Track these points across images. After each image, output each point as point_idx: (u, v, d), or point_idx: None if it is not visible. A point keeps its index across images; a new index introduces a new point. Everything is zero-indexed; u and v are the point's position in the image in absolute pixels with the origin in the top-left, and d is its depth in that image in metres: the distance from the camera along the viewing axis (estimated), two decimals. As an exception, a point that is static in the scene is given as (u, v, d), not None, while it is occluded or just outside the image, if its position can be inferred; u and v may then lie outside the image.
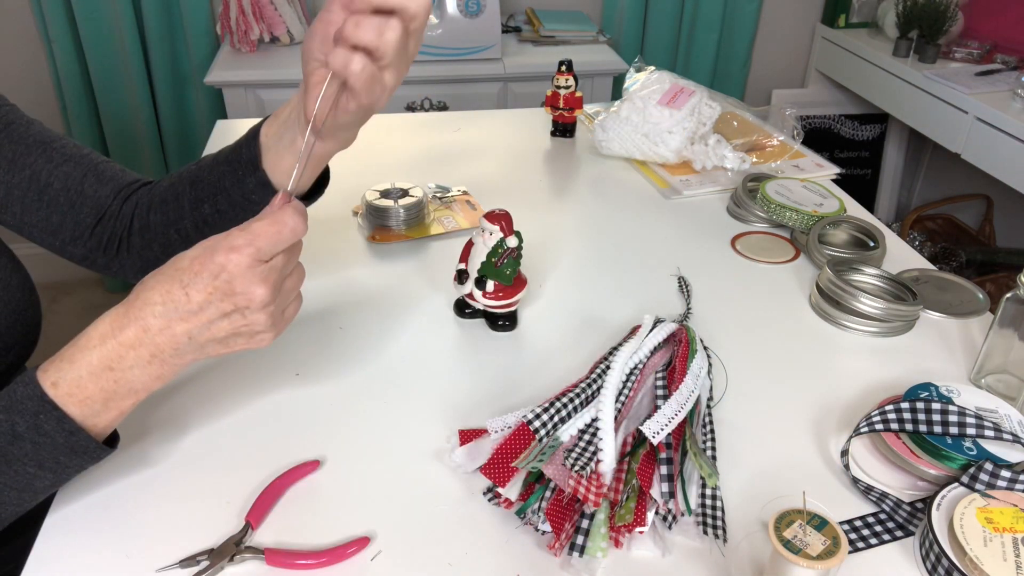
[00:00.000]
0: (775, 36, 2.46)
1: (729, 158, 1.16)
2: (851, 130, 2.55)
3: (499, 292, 0.80)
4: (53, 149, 0.75)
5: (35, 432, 0.54)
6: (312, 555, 0.56)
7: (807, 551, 0.48)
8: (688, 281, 0.92)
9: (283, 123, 0.67)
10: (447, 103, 1.96)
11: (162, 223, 0.75)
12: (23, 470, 0.55)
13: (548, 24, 2.13)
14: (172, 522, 0.60)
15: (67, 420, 0.54)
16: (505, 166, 1.20)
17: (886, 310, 0.83)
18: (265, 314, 0.55)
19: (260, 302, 0.54)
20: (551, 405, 0.65)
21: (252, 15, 1.94)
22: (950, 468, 0.62)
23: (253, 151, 0.69)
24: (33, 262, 0.77)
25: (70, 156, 0.76)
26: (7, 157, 0.73)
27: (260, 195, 0.70)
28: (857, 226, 1.01)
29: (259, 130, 0.69)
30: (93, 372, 0.54)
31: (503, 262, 0.78)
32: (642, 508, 0.58)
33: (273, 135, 0.68)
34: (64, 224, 0.76)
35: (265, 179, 0.69)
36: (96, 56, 2.05)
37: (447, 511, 0.61)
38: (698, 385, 0.67)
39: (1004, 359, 0.75)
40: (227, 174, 0.71)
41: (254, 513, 0.59)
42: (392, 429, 0.69)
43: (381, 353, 0.79)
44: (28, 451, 0.54)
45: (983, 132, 1.79)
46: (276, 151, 0.68)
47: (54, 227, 0.76)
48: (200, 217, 0.73)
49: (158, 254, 0.77)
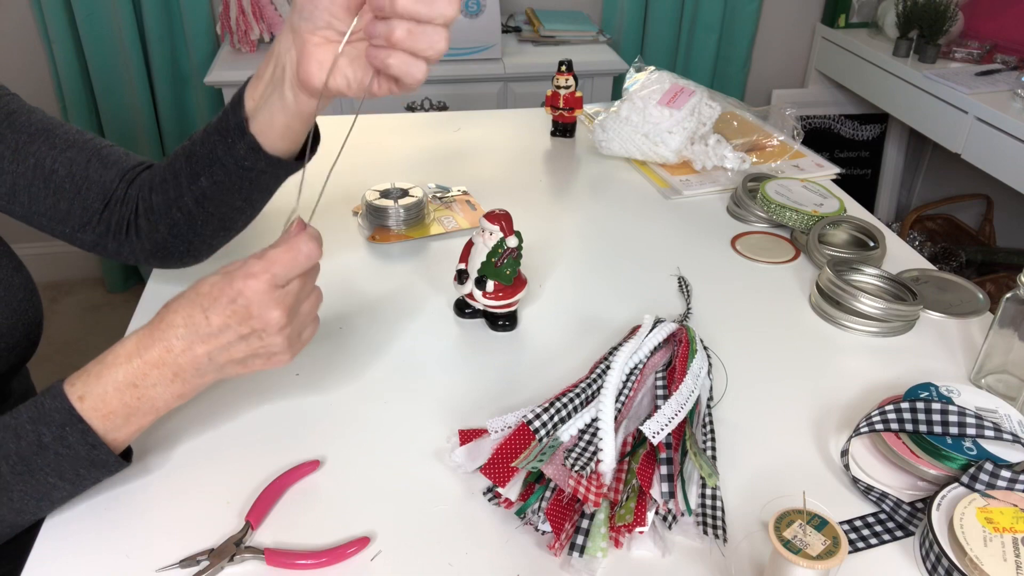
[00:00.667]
0: (775, 36, 2.46)
1: (729, 158, 1.16)
2: (851, 130, 2.55)
3: (499, 292, 0.80)
4: (56, 136, 0.75)
5: (59, 443, 0.56)
6: (312, 555, 0.56)
7: (807, 551, 0.48)
8: (688, 281, 0.92)
9: (268, 83, 0.66)
10: (447, 103, 1.96)
11: (164, 203, 0.75)
12: (44, 480, 0.56)
13: (548, 24, 2.13)
14: (172, 522, 0.60)
15: (91, 434, 0.56)
16: (505, 166, 1.20)
17: (886, 310, 0.83)
18: (281, 336, 0.58)
19: (276, 325, 0.57)
20: (551, 405, 0.65)
21: (252, 15, 1.94)
22: (950, 468, 0.62)
23: (239, 116, 0.68)
24: (33, 262, 0.77)
25: (73, 142, 0.76)
26: (11, 146, 0.73)
27: (252, 160, 0.69)
28: (857, 226, 1.01)
29: (243, 94, 0.69)
30: (118, 388, 0.57)
31: (503, 262, 0.78)
32: (642, 508, 0.58)
33: (260, 97, 0.67)
34: (72, 211, 0.76)
35: (255, 143, 0.68)
36: (96, 56, 2.05)
37: (447, 511, 0.61)
38: (698, 385, 0.67)
39: (1004, 359, 0.75)
40: (218, 143, 0.70)
41: (254, 513, 0.59)
42: (392, 429, 0.69)
43: (381, 353, 0.79)
44: (51, 461, 0.56)
45: (983, 132, 1.79)
46: (266, 112, 0.67)
47: (62, 214, 0.76)
48: (199, 191, 0.72)
49: (165, 235, 0.77)
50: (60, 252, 2.42)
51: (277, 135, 0.68)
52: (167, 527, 0.59)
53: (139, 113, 2.15)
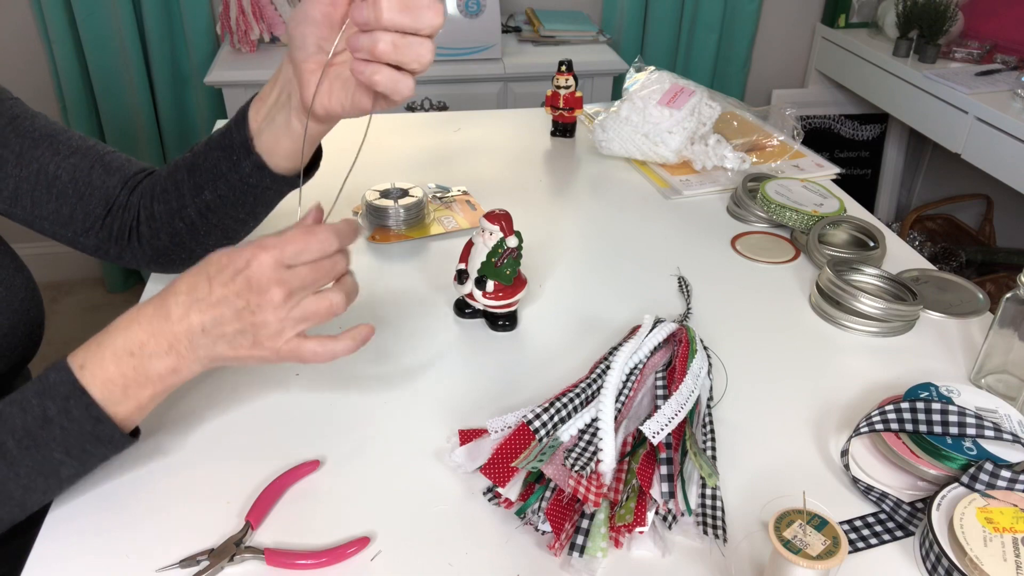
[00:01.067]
0: (775, 36, 2.46)
1: (729, 158, 1.16)
2: (851, 130, 2.55)
3: (499, 292, 0.80)
4: (59, 142, 0.75)
5: (64, 417, 0.55)
6: (312, 555, 0.56)
7: (807, 551, 0.48)
8: (688, 281, 0.92)
9: (272, 106, 0.67)
10: (447, 103, 1.96)
11: (166, 212, 0.76)
12: (51, 456, 0.56)
13: (548, 24, 2.13)
14: (172, 522, 0.60)
15: (94, 406, 0.55)
16: (505, 166, 1.20)
17: (886, 310, 0.83)
18: (275, 317, 0.56)
19: (271, 302, 0.55)
20: (551, 405, 0.65)
21: (252, 15, 1.94)
22: (950, 468, 0.62)
23: (244, 134, 0.69)
24: (33, 262, 0.77)
25: (76, 148, 0.76)
26: (14, 151, 0.73)
27: (257, 178, 0.71)
28: (857, 226, 1.01)
29: (247, 112, 0.70)
30: (116, 355, 0.56)
31: (503, 262, 0.78)
32: (642, 508, 0.58)
33: (264, 119, 0.69)
34: (75, 216, 0.76)
35: (260, 162, 0.70)
36: (96, 56, 2.05)
37: (447, 511, 0.61)
38: (698, 385, 0.67)
39: (1004, 359, 0.75)
40: (222, 159, 0.71)
41: (254, 513, 0.59)
42: (392, 429, 0.69)
43: (381, 353, 0.79)
44: (56, 436, 0.55)
45: (983, 132, 1.79)
46: (271, 134, 0.68)
47: (64, 219, 0.76)
48: (202, 203, 0.74)
49: (167, 243, 0.78)
50: (60, 252, 2.42)
51: (282, 156, 0.70)
52: (167, 527, 0.59)
53: (139, 113, 2.15)
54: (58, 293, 2.40)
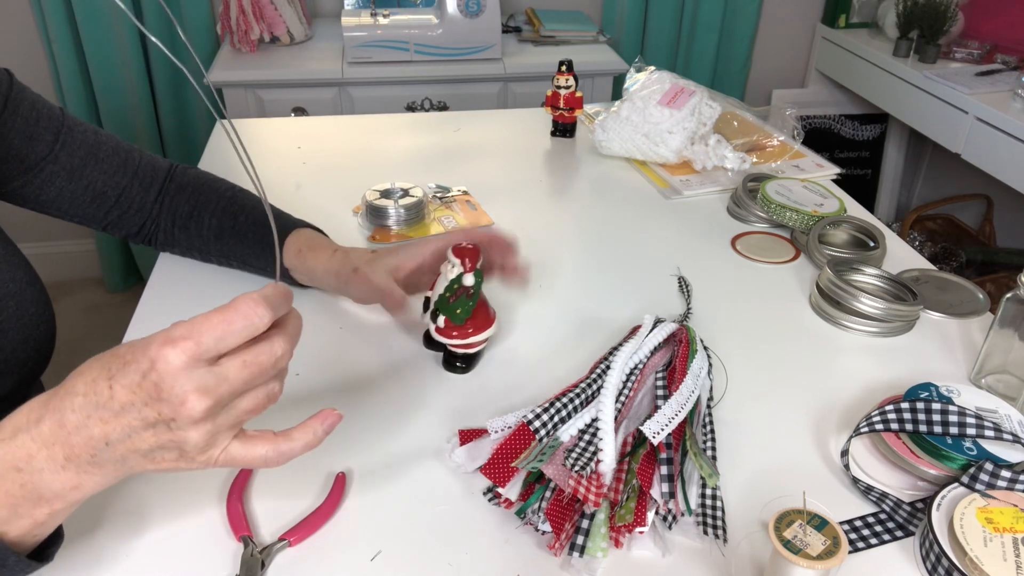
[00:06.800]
0: (775, 36, 2.46)
1: (729, 158, 1.16)
2: (851, 130, 2.55)
3: (452, 331, 0.73)
4: (101, 158, 0.82)
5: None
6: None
7: (807, 551, 0.48)
8: (688, 281, 0.92)
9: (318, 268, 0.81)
10: (447, 103, 1.96)
11: (187, 245, 0.89)
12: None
13: (548, 24, 2.13)
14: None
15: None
16: (505, 166, 1.20)
17: (886, 310, 0.83)
18: (197, 432, 0.44)
19: (189, 416, 0.43)
20: (551, 405, 0.65)
21: (252, 15, 1.94)
22: (950, 468, 0.62)
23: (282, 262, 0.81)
24: (33, 262, 0.77)
25: (118, 165, 0.84)
26: (66, 168, 0.80)
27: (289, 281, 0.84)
28: (857, 226, 1.01)
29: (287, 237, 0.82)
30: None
31: (455, 299, 0.73)
32: (642, 508, 0.58)
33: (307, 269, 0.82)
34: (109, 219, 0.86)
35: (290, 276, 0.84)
36: (96, 56, 2.05)
37: (447, 511, 0.61)
38: (698, 385, 0.67)
39: (1004, 359, 0.75)
40: (251, 256, 0.85)
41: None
42: (392, 429, 0.69)
43: (381, 353, 0.79)
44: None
45: (983, 132, 1.79)
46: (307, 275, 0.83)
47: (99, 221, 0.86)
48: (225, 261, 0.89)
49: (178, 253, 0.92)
50: (60, 252, 2.42)
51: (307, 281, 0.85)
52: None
53: (139, 113, 2.15)
54: (58, 293, 2.40)
